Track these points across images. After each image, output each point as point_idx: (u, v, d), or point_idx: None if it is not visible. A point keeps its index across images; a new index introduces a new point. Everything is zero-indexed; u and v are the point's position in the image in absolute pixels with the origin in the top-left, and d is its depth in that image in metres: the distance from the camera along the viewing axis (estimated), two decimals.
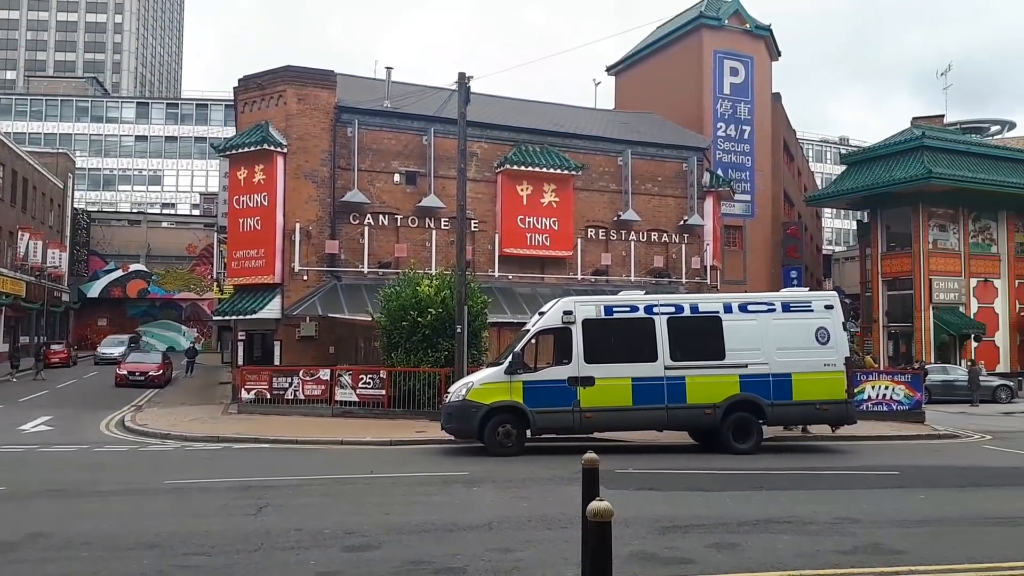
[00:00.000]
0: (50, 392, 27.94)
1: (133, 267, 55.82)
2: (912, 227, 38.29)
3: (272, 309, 24.36)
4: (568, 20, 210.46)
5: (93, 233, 56.29)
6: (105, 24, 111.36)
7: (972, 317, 38.03)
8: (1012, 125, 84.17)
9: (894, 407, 20.50)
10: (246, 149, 24.86)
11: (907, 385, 20.82)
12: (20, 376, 33.03)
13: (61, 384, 31.04)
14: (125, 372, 30.87)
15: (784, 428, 16.70)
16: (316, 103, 25.39)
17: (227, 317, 26.38)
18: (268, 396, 21.71)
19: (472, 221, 26.42)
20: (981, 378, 29.20)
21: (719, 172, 35.25)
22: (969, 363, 33.07)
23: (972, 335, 37.40)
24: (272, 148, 24.55)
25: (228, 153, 25.94)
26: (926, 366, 29.80)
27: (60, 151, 57.51)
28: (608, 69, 47.75)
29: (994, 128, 76.75)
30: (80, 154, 71.35)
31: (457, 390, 14.75)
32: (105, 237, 56.64)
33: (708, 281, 31.05)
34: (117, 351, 41.50)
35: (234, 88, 27.11)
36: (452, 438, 15.26)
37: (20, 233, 43.21)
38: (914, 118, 44.62)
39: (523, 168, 27.32)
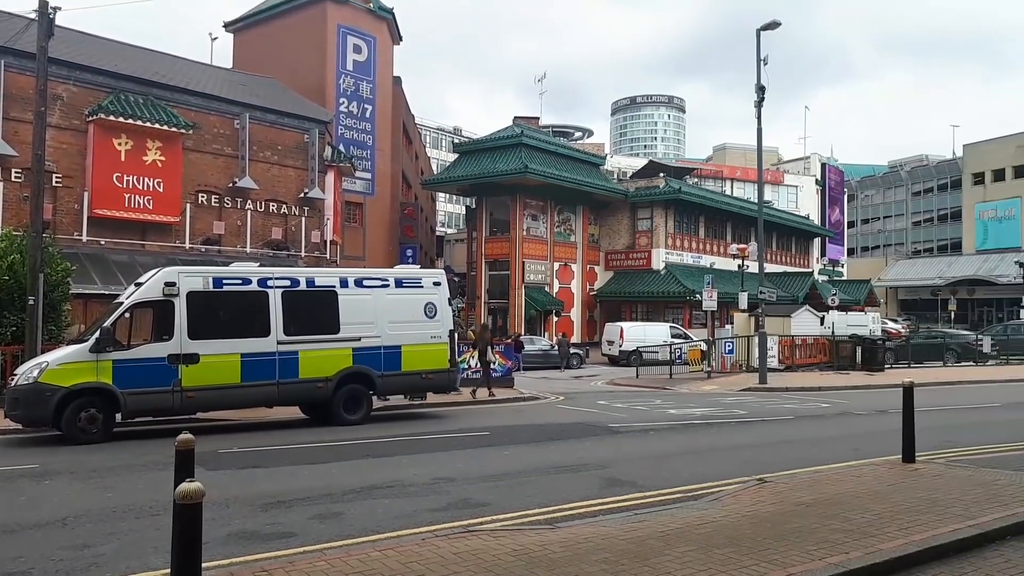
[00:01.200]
0: None
1: None
2: (510, 215, 42.85)
3: None
4: None
5: None
6: None
7: (555, 295, 43.98)
8: (591, 133, 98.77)
9: (491, 374, 22.69)
10: None
11: (501, 354, 23.23)
12: None
13: None
14: None
15: (407, 397, 17.41)
16: None
17: None
18: None
19: (54, 175, 22.88)
20: (570, 349, 35.10)
21: (341, 148, 35.44)
22: (561, 336, 38.50)
23: (554, 311, 43.27)
24: None
25: None
26: (521, 338, 33.67)
27: None
28: (226, 25, 44.78)
29: (577, 134, 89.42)
30: None
31: (27, 371, 12.65)
32: None
33: (328, 256, 31.12)
34: None
35: None
36: (19, 427, 13.07)
37: None
38: (516, 117, 49.81)
39: (121, 120, 24.31)
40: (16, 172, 22.52)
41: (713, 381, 25.78)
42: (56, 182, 23.14)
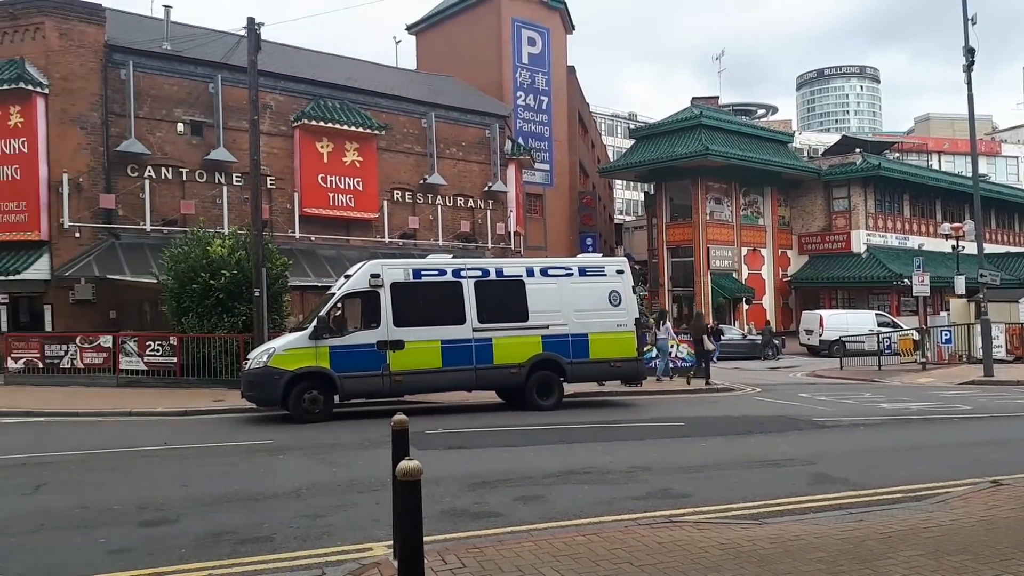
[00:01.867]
0: None
1: None
2: (692, 199, 41.73)
3: (39, 269, 21.78)
4: None
5: None
6: None
7: (743, 282, 42.36)
8: (775, 110, 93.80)
9: (679, 364, 22.38)
10: None
11: (690, 343, 22.76)
12: None
13: None
14: None
15: (599, 384, 17.64)
16: (82, 40, 22.72)
17: None
18: (40, 365, 19.54)
19: (268, 178, 25.17)
20: (764, 338, 33.92)
21: (520, 140, 36.17)
22: (765, 325, 37.12)
23: (744, 298, 41.69)
24: (30, 88, 21.69)
25: None
26: (720, 326, 32.71)
27: None
28: (409, 28, 46.98)
29: (760, 111, 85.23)
30: None
31: (257, 356, 14.08)
32: None
33: (512, 246, 31.98)
34: None
35: None
36: (253, 406, 14.60)
37: None
38: (693, 98, 48.38)
39: (322, 124, 26.30)
40: (236, 176, 25.05)
41: (929, 373, 23.79)
42: (270, 184, 25.48)
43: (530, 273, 15.55)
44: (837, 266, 42.87)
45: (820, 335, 33.90)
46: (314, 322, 13.90)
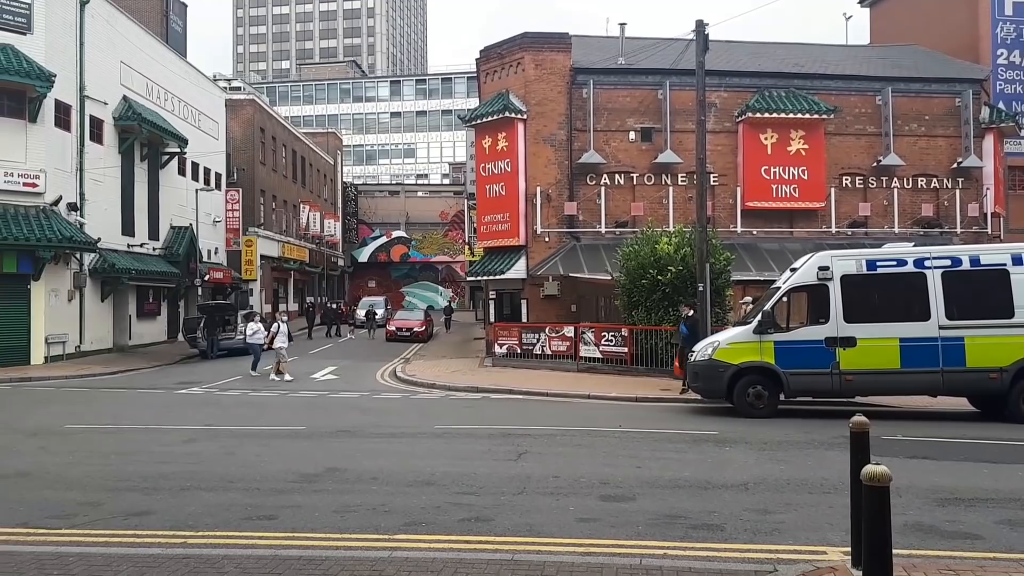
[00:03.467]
0: (333, 346, 31.76)
1: (395, 234, 61.46)
2: None
3: (518, 270, 25.51)
4: None
5: (360, 204, 62.56)
6: (359, 9, 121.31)
7: None
8: None
9: None
10: (489, 118, 26.03)
11: None
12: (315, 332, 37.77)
13: (342, 339, 35.21)
14: (394, 328, 34.36)
15: None
16: (552, 67, 25.84)
17: (478, 278, 28.05)
18: (518, 351, 22.97)
19: (711, 175, 25.59)
20: None
21: (1000, 105, 30.71)
22: None
23: None
24: (513, 115, 25.48)
25: (473, 123, 27.35)
26: None
27: (329, 131, 64.25)
28: (860, 1, 43.26)
29: None
30: (345, 132, 79.12)
31: (703, 349, 14.49)
32: (370, 207, 62.76)
33: (989, 230, 27.43)
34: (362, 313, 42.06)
35: (476, 59, 28.40)
36: (698, 397, 15.09)
37: (302, 206, 49.05)
38: None
39: (766, 115, 25.82)
40: (681, 177, 26.02)
41: None
42: (713, 181, 25.91)
43: (1016, 261, 13.22)
44: None
45: None
46: (758, 316, 13.79)
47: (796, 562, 5.74)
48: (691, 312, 17.50)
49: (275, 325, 21.35)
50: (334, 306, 42.47)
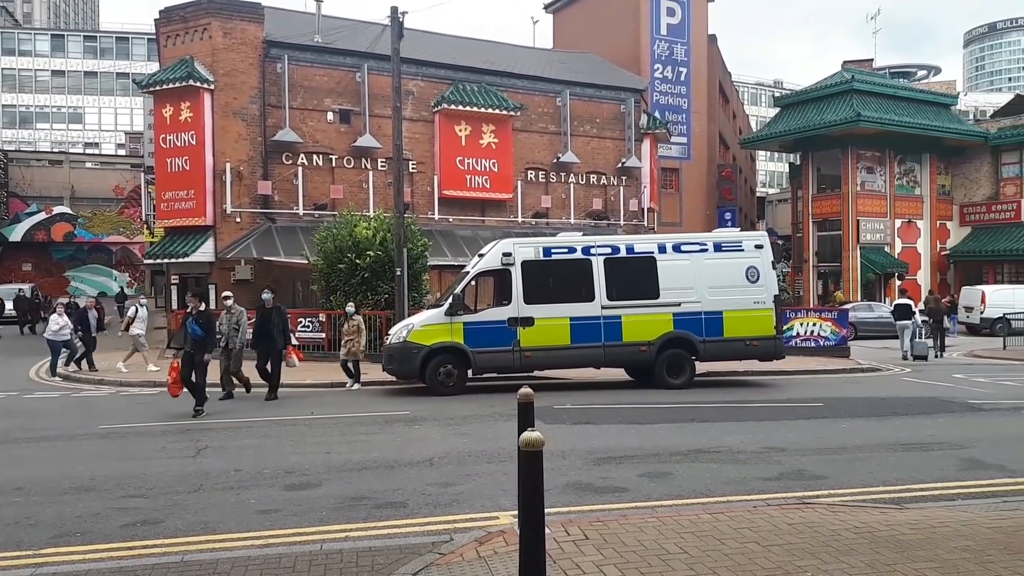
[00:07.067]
0: None
1: (57, 209, 53.35)
2: (841, 169, 39.39)
3: (205, 252, 23.77)
4: None
5: (12, 174, 53.42)
6: None
7: (896, 256, 39.63)
8: (938, 70, 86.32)
9: (821, 343, 21.39)
10: (170, 85, 23.81)
11: (833, 322, 21.68)
12: None
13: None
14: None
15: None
16: (243, 37, 24.38)
17: (158, 260, 25.61)
18: None
19: (410, 162, 26.07)
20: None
21: (656, 114, 35.43)
22: (929, 294, 34.37)
23: (896, 273, 39.03)
24: (198, 84, 23.60)
25: (152, 90, 24.77)
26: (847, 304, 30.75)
27: None
28: (546, 6, 47.00)
29: (920, 73, 78.77)
30: None
31: (398, 332, 14.76)
32: (25, 178, 53.76)
33: (646, 223, 31.50)
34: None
35: (155, 20, 25.75)
36: (393, 379, 15.35)
37: None
38: (845, 62, 45.39)
39: (461, 108, 26.91)
40: (381, 162, 26.14)
41: None
42: (412, 168, 26.41)
43: (662, 249, 15.32)
44: (1004, 238, 39.18)
45: (981, 312, 31.31)
46: (449, 299, 14.40)
47: (471, 530, 6.07)
48: (203, 306, 13.09)
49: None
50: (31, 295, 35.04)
